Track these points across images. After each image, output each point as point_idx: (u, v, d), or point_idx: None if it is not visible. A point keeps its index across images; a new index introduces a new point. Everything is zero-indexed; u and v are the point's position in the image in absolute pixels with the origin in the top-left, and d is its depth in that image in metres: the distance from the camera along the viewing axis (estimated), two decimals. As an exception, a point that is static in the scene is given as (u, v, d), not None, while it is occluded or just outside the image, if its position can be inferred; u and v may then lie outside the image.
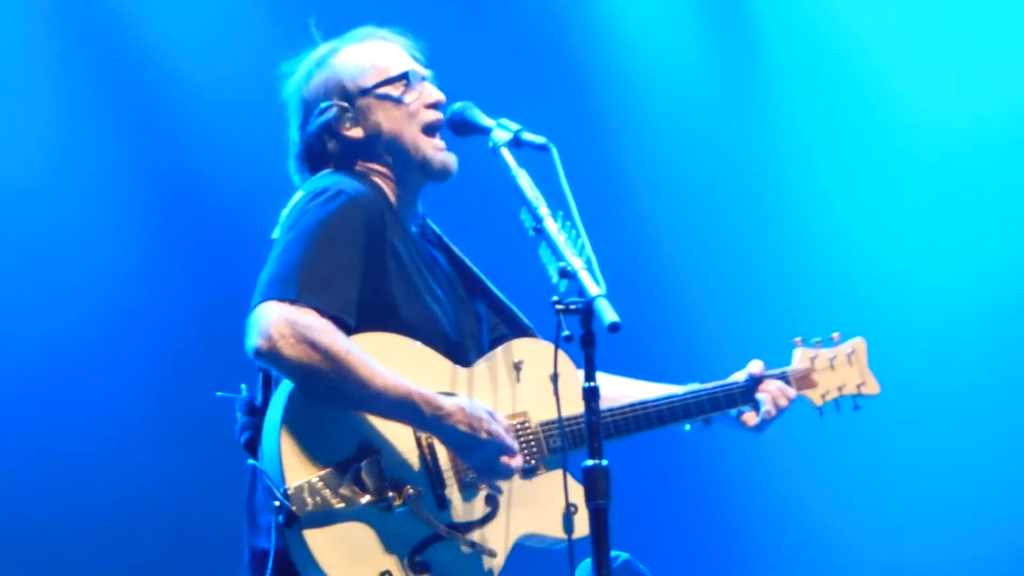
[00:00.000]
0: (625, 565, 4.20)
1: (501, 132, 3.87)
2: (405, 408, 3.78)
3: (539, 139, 3.83)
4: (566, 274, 3.52)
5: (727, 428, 4.44)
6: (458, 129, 4.05)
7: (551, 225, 3.63)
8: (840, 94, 7.38)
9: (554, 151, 3.75)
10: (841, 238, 7.25)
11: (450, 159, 4.13)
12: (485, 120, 3.96)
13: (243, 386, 3.93)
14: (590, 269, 3.52)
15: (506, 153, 3.83)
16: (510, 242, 4.07)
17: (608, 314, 3.40)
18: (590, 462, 3.41)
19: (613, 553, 4.10)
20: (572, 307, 3.48)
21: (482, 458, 3.84)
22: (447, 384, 3.95)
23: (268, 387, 3.92)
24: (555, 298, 3.52)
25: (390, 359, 3.83)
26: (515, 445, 3.88)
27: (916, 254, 7.24)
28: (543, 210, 3.66)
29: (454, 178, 4.17)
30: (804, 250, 7.21)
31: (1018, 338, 7.12)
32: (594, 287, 3.47)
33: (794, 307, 6.92)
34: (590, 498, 3.40)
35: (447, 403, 3.81)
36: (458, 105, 4.05)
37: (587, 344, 3.45)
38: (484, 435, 3.81)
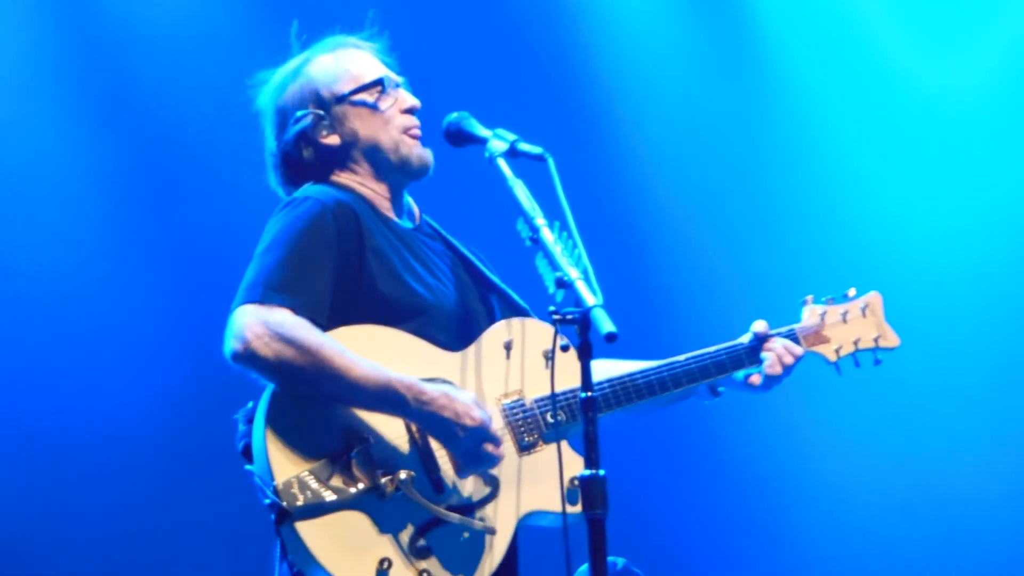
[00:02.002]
0: (624, 571, 4.21)
1: (497, 142, 3.88)
2: (387, 397, 3.76)
3: (535, 149, 3.83)
4: (563, 284, 3.52)
5: (734, 392, 4.36)
6: (454, 139, 4.04)
7: (548, 235, 3.63)
8: (839, 74, 7.40)
9: (550, 161, 3.76)
10: (847, 220, 7.29)
11: (427, 155, 4.13)
12: (481, 130, 3.97)
13: (251, 403, 3.92)
14: (587, 279, 3.52)
15: (502, 163, 3.83)
16: (507, 252, 4.09)
17: (605, 324, 3.40)
18: (587, 472, 3.40)
19: (610, 559, 4.12)
20: (569, 317, 3.48)
21: (467, 446, 3.80)
22: (434, 370, 3.92)
23: None
24: (552, 308, 3.52)
25: (372, 349, 3.82)
26: (500, 433, 3.87)
27: (926, 229, 7.28)
28: (540, 220, 3.66)
29: (439, 178, 4.17)
30: (813, 241, 7.24)
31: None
32: (591, 297, 3.47)
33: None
34: (587, 508, 3.39)
35: (431, 389, 3.79)
36: (454, 115, 4.04)
37: (584, 354, 3.44)
38: (469, 421, 3.78)
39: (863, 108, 7.38)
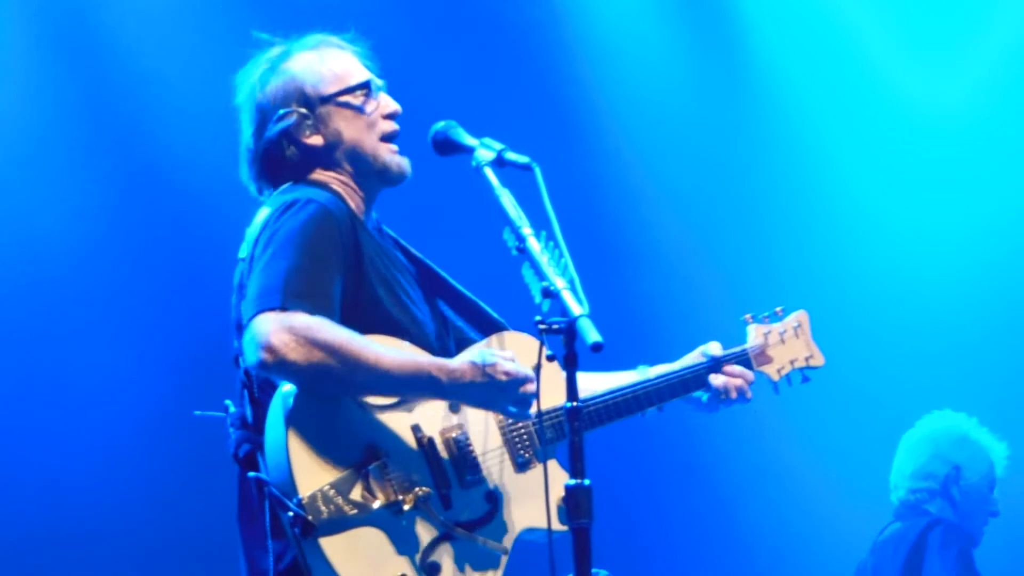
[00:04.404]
0: (606, 585, 4.21)
1: (484, 151, 3.87)
2: (421, 380, 3.78)
3: (522, 159, 3.83)
4: (549, 294, 3.54)
5: (681, 406, 4.44)
6: (441, 148, 4.03)
7: (534, 245, 3.64)
8: (826, 83, 7.44)
9: (537, 171, 3.76)
10: (833, 229, 7.34)
11: (405, 163, 4.12)
12: (468, 139, 3.96)
13: (228, 402, 3.92)
14: (573, 289, 3.53)
15: (489, 172, 3.83)
16: (493, 261, 4.09)
17: (591, 334, 3.42)
18: (572, 481, 3.42)
19: (593, 571, 4.12)
20: (555, 327, 3.49)
21: (509, 399, 3.83)
22: None
23: (255, 403, 3.90)
24: (538, 318, 3.53)
25: None
26: (527, 370, 3.85)
27: (912, 237, 7.32)
28: (526, 230, 3.67)
29: (425, 187, 4.17)
30: (798, 250, 7.26)
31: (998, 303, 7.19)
32: (577, 307, 3.48)
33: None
34: (572, 517, 3.41)
35: (458, 364, 3.81)
36: (441, 124, 4.03)
37: (569, 364, 3.46)
38: (503, 377, 3.80)
39: (850, 117, 7.43)
